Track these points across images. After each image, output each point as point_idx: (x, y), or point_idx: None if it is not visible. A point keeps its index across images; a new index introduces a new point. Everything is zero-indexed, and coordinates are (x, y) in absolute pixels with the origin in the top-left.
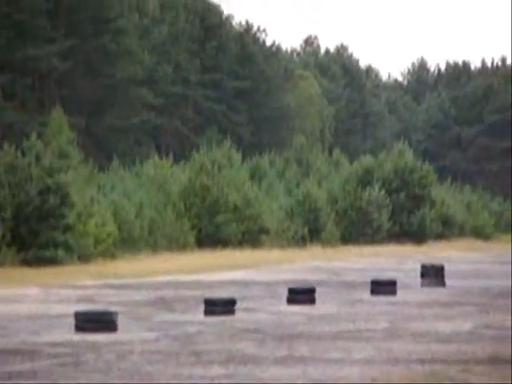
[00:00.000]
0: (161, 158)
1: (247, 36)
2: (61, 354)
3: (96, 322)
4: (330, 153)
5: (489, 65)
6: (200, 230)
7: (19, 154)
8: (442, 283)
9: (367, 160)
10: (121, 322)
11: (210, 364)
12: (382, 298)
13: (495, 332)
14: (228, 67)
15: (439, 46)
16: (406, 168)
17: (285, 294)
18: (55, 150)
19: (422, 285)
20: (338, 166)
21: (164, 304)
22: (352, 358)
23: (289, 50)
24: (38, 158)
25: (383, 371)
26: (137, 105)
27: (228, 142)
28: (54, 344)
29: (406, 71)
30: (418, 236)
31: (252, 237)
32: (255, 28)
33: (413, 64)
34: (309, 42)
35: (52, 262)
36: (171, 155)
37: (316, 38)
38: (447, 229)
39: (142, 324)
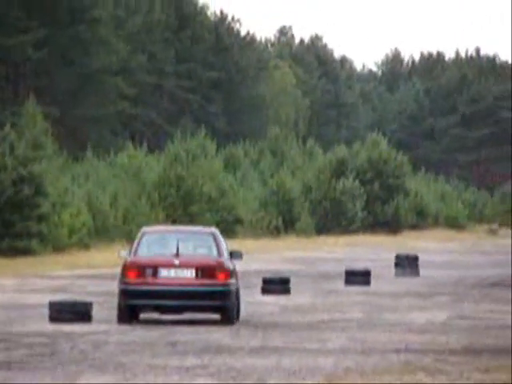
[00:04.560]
0: (135, 148)
1: (222, 26)
2: (35, 343)
3: (70, 312)
4: (305, 143)
5: (463, 55)
6: (174, 220)
7: None
8: (417, 273)
9: (341, 150)
10: (95, 312)
11: (185, 354)
12: (357, 288)
13: (470, 322)
14: (203, 57)
15: (413, 36)
16: (380, 158)
17: (259, 284)
18: (29, 140)
19: (396, 275)
20: (313, 157)
21: None
22: (326, 347)
23: (263, 40)
24: (11, 148)
25: (358, 361)
26: (111, 95)
27: (202, 132)
28: (28, 334)
29: (380, 62)
30: (392, 226)
31: (226, 227)
32: (230, 18)
33: (387, 55)
34: (283, 32)
35: (26, 252)
36: (145, 145)
37: (290, 28)
38: (421, 219)
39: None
